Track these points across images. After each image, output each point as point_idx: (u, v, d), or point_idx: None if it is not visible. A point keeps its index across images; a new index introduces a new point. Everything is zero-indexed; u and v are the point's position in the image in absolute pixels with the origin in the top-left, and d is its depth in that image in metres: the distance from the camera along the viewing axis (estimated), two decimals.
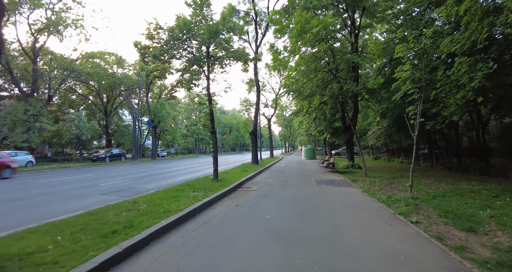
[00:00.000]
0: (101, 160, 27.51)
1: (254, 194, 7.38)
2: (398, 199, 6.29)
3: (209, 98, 9.53)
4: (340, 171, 13.32)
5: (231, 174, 11.35)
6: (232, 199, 6.75)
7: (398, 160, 20.29)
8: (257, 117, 16.78)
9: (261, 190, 8.12)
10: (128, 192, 7.97)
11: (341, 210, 5.45)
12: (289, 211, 5.42)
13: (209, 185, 8.07)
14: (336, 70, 11.41)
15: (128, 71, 32.49)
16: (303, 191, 7.79)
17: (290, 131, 56.70)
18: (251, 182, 9.94)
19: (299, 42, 10.12)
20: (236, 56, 8.87)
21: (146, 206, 5.36)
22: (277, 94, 27.76)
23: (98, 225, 4.12)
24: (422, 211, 5.24)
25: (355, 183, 9.43)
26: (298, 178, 10.92)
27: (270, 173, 13.40)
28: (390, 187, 8.27)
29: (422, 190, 7.43)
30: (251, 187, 8.60)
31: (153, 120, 29.57)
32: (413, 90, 6.95)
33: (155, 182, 10.23)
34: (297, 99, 16.15)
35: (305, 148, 28.49)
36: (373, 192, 7.23)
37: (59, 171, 16.13)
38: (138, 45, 8.52)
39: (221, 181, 9.12)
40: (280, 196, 7.00)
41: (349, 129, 15.55)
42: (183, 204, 5.53)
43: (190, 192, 6.92)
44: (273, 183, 9.62)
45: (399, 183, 9.14)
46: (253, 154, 16.91)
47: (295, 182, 9.72)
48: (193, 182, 8.74)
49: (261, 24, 18.02)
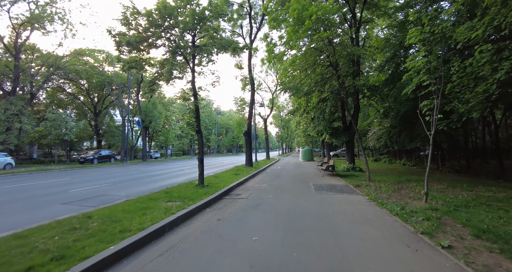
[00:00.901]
0: (89, 162, 26.20)
1: (242, 204, 6.26)
2: (414, 211, 5.22)
3: (194, 93, 8.41)
4: (341, 175, 12.25)
5: (220, 178, 10.22)
6: (216, 211, 5.62)
7: (400, 162, 19.31)
8: (251, 116, 15.67)
9: (252, 198, 7.00)
10: (95, 200, 6.81)
11: (347, 228, 4.35)
12: (282, 229, 4.31)
13: (191, 193, 6.94)
14: (336, 65, 10.37)
15: (119, 69, 31.21)
16: (300, 200, 6.69)
17: (288, 132, 55.65)
18: (242, 188, 8.81)
19: (297, 32, 9.06)
20: (224, 44, 7.77)
21: (100, 222, 4.22)
22: (274, 93, 26.72)
23: (16, 255, 2.97)
24: (449, 228, 4.16)
25: (358, 189, 8.35)
26: (294, 183, 9.82)
27: (264, 176, 12.28)
28: (400, 194, 7.20)
29: (439, 198, 6.37)
30: (240, 194, 7.48)
31: (144, 120, 28.32)
32: (428, 81, 5.90)
33: (133, 188, 9.08)
34: (294, 96, 15.12)
35: (302, 150, 27.42)
36: (382, 201, 6.15)
37: (37, 174, 14.86)
38: (112, 31, 7.41)
39: (207, 187, 7.99)
40: (272, 207, 5.89)
41: (349, 129, 14.53)
42: (150, 219, 4.39)
43: (164, 203, 5.78)
44: (266, 189, 8.50)
45: (408, 188, 8.08)
46: (247, 156, 15.79)
47: (291, 188, 8.62)
48: (174, 189, 7.59)
49: (256, 18, 16.98)
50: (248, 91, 15.94)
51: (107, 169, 18.95)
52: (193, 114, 8.37)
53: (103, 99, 32.69)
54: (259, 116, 28.55)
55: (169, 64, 7.49)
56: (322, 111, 14.61)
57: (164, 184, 9.51)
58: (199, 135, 8.34)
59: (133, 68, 7.82)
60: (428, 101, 6.15)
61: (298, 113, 16.51)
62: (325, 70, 11.31)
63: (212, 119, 56.36)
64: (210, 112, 57.62)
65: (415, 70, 6.31)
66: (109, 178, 12.38)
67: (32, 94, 23.17)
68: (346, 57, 10.19)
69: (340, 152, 32.22)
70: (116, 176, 13.62)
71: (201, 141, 8.38)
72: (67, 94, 33.40)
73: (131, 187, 9.33)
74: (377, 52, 12.30)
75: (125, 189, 9.00)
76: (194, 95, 8.44)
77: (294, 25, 8.95)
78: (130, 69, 7.84)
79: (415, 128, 12.28)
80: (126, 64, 7.73)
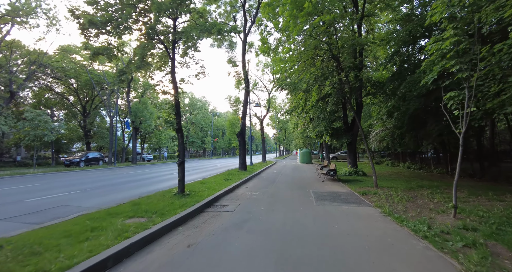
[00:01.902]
0: (75, 164, 24.80)
1: (226, 220, 5.01)
2: (446, 231, 4.03)
3: (174, 85, 7.18)
4: (343, 180, 11.05)
5: (207, 185, 8.97)
6: (189, 231, 4.37)
7: (404, 165, 18.15)
8: (245, 116, 14.42)
9: (240, 210, 5.75)
10: (47, 214, 5.52)
11: (364, 260, 3.12)
12: (274, 263, 3.07)
13: (165, 205, 5.68)
14: (338, 57, 9.19)
15: (109, 68, 29.93)
16: (298, 213, 5.45)
17: (285, 134, 54.52)
18: (230, 196, 7.55)
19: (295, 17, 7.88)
20: (207, 26, 6.55)
21: (10, 256, 2.95)
22: (270, 93, 25.53)
23: None
24: (507, 262, 2.95)
25: (366, 198, 7.14)
26: (292, 190, 8.59)
27: (258, 182, 11.03)
28: (417, 206, 6.00)
29: (469, 211, 5.18)
30: (226, 206, 6.23)
31: (134, 121, 26.95)
32: (458, 67, 4.72)
33: (105, 196, 7.80)
34: (292, 94, 13.94)
35: (300, 152, 26.19)
36: (399, 216, 4.94)
37: (7, 179, 13.47)
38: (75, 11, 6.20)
39: (187, 196, 6.73)
40: (263, 225, 4.64)
41: (351, 129, 13.36)
42: (89, 249, 3.14)
43: (123, 220, 4.51)
44: (259, 198, 7.25)
45: (424, 197, 6.90)
46: (241, 159, 14.51)
47: (288, 197, 7.38)
48: (145, 200, 6.31)
49: (250, 11, 15.82)
50: (242, 89, 14.69)
51: (91, 172, 17.59)
52: (173, 110, 7.13)
53: (92, 99, 31.31)
54: (255, 116, 27.35)
55: (141, 48, 6.26)
56: (322, 110, 13.43)
57: (142, 192, 8.22)
58: (179, 135, 7.09)
59: (100, 54, 6.57)
60: (455, 92, 4.98)
61: (296, 113, 15.32)
62: (325, 63, 10.15)
63: (208, 121, 55.04)
64: (206, 113, 56.30)
65: (438, 55, 5.15)
66: (86, 183, 11.07)
67: (12, 92, 21.72)
68: (350, 48, 9.03)
69: (339, 155, 31.08)
70: (95, 181, 12.30)
71: (181, 142, 7.12)
72: (54, 94, 31.98)
73: (103, 195, 8.04)
74: (382, 44, 11.15)
75: (95, 197, 7.71)
76: (175, 88, 7.21)
77: (292, 9, 7.78)
78: (97, 57, 6.58)
79: (425, 128, 11.14)
80: (92, 50, 6.48)
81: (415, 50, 10.67)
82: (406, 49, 10.59)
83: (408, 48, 10.50)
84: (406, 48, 10.77)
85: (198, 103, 54.97)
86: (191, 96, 54.61)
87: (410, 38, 9.95)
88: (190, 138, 52.11)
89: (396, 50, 11.03)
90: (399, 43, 10.44)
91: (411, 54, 10.38)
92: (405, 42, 10.39)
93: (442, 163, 16.27)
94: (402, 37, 9.72)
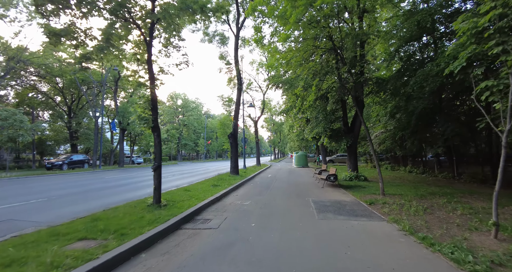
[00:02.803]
0: (57, 167, 23.28)
1: (206, 242, 3.90)
2: (497, 261, 3.01)
3: (151, 75, 6.08)
4: (344, 185, 10.04)
5: (192, 192, 7.81)
6: (153, 260, 3.24)
7: (405, 169, 17.23)
8: (237, 116, 13.33)
9: (225, 227, 4.64)
10: None
11: None
12: None
13: (132, 220, 4.53)
14: (341, 48, 8.22)
15: (97, 67, 28.53)
16: (297, 232, 4.36)
17: (280, 137, 53.58)
18: (216, 207, 6.42)
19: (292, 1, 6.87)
20: (188, 4, 5.48)
21: None
22: (265, 93, 24.51)
23: None
24: None
25: (375, 208, 6.12)
26: (289, 199, 7.51)
27: (251, 188, 9.92)
28: (440, 220, 5.00)
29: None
30: (210, 221, 5.10)
31: (122, 121, 25.56)
32: (502, 48, 3.74)
33: (70, 207, 6.60)
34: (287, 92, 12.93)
35: (296, 155, 25.14)
36: (425, 236, 3.90)
37: None
38: None
39: (164, 207, 5.60)
40: (253, 252, 3.54)
41: (351, 131, 12.39)
42: None
43: (64, 245, 3.35)
44: (249, 209, 6.14)
45: (444, 208, 5.94)
46: (232, 162, 13.38)
47: (284, 208, 6.29)
48: (111, 212, 5.15)
49: (244, 4, 14.86)
50: (234, 86, 13.63)
51: (71, 176, 16.21)
52: (148, 105, 6.01)
53: (79, 99, 29.81)
54: (249, 118, 26.26)
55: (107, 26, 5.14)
56: (320, 110, 12.46)
57: (113, 201, 7.03)
58: (156, 134, 5.96)
59: (59, 36, 5.41)
60: (493, 81, 4.00)
61: (292, 113, 14.30)
62: (326, 57, 9.18)
63: (202, 123, 53.67)
64: (200, 115, 54.97)
65: (469, 36, 4.19)
66: (56, 190, 9.80)
67: None
68: (353, 39, 8.05)
69: (335, 158, 30.13)
70: (69, 186, 11.01)
71: (158, 142, 5.99)
72: (41, 94, 30.34)
73: (65, 205, 6.81)
74: (387, 37, 10.20)
75: (55, 208, 6.48)
76: (151, 78, 6.10)
77: None
78: (57, 39, 5.42)
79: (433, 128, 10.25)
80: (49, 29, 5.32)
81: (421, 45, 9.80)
82: (413, 43, 9.72)
83: (414, 43, 9.63)
84: (413, 42, 9.89)
85: (191, 105, 53.68)
86: (184, 97, 53.31)
87: (419, 30, 9.07)
88: (182, 140, 50.71)
89: (401, 45, 10.14)
90: (406, 36, 9.55)
91: (419, 49, 9.51)
92: (412, 36, 9.51)
93: (444, 167, 15.44)
94: (410, 29, 8.82)
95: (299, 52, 7.80)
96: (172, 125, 51.82)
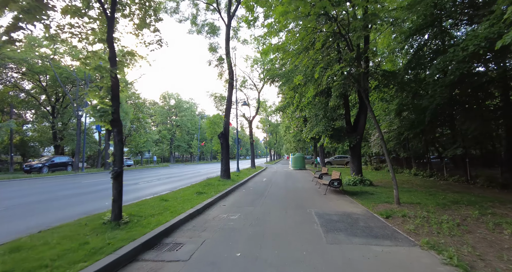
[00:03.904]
0: (36, 170, 21.63)
1: None
2: None
3: (112, 54, 4.74)
4: (349, 192, 8.80)
5: (169, 202, 6.45)
6: None
7: (410, 171, 16.06)
8: (229, 113, 11.96)
9: (199, 259, 3.31)
10: None
11: None
12: None
13: (69, 249, 3.18)
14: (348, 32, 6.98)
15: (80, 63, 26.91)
16: (300, 270, 3.05)
17: (276, 138, 52.34)
18: (194, 223, 5.07)
19: None
20: None
21: None
22: (260, 90, 23.20)
23: None
24: None
25: (394, 223, 4.87)
26: (286, 211, 6.19)
27: (242, 196, 8.57)
28: (489, 243, 3.76)
29: None
30: (180, 247, 3.76)
31: None
32: None
33: (9, 223, 5.17)
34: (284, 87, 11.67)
35: (293, 157, 23.86)
36: None
37: None
38: None
39: (124, 225, 4.25)
40: None
41: (355, 130, 11.18)
42: None
43: None
44: (236, 228, 4.79)
45: (482, 223, 4.73)
46: (223, 165, 12.02)
47: (281, 226, 4.96)
48: (48, 234, 3.78)
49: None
50: (226, 82, 12.31)
51: (47, 180, 14.65)
52: (108, 93, 4.66)
53: (63, 97, 28.15)
54: (243, 117, 24.93)
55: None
56: (321, 107, 11.21)
57: (71, 214, 5.64)
58: (116, 130, 4.61)
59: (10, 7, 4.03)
60: None
61: (289, 111, 13.03)
62: (329, 43, 7.94)
63: (195, 124, 52.12)
64: (193, 116, 53.40)
65: None
66: (19, 197, 8.37)
67: None
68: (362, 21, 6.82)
69: (333, 160, 28.95)
70: (36, 193, 9.56)
71: (118, 141, 4.63)
72: (23, 92, 28.56)
73: (13, 219, 5.43)
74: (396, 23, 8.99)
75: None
76: (112, 58, 4.76)
77: None
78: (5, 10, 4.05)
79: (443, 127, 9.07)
80: None
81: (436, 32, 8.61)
82: (426, 30, 8.54)
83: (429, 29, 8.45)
84: (425, 30, 8.72)
85: (185, 105, 52.13)
86: (177, 97, 51.78)
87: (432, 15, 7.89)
88: (175, 141, 49.09)
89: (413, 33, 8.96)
90: (418, 21, 8.38)
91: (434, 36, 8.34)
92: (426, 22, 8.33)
93: (451, 169, 14.34)
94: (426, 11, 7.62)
95: (298, 34, 6.54)
96: (165, 126, 50.15)
